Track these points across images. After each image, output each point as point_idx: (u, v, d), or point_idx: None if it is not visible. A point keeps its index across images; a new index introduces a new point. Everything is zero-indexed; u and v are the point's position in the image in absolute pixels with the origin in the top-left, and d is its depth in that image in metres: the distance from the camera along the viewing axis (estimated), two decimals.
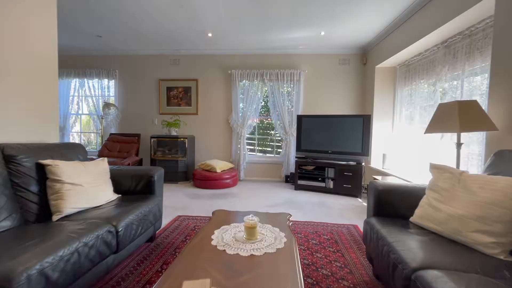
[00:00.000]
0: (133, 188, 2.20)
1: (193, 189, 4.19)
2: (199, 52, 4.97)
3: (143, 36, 4.33)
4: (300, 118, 4.35)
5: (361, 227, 2.70)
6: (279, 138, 5.14)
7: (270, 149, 5.93)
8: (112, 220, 1.62)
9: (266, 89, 4.90)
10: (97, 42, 4.60)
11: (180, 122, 4.93)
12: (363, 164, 3.93)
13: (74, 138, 5.48)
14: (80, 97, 5.32)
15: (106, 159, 2.22)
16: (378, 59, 4.15)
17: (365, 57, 4.66)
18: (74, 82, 5.19)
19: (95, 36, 4.30)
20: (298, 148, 4.37)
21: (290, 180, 4.67)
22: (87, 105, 5.26)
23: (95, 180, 1.96)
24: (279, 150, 5.19)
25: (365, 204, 3.58)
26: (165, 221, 2.79)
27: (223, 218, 1.87)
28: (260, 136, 5.30)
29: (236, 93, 4.83)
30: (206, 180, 4.22)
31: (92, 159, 2.42)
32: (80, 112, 5.37)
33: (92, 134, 5.61)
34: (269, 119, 5.53)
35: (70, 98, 5.20)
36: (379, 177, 3.31)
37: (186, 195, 3.82)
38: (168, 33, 4.15)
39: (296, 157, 4.44)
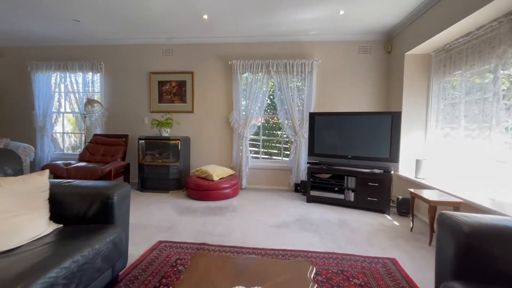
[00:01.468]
0: (83, 213, 1.54)
1: (186, 201, 3.52)
2: (194, 41, 4.30)
3: (129, 22, 3.69)
4: (312, 116, 3.65)
5: (402, 263, 1.99)
6: (287, 140, 4.44)
7: (276, 151, 5.27)
8: (15, 284, 0.95)
9: (273, 82, 4.20)
10: (77, 29, 3.98)
11: (173, 122, 4.27)
12: (392, 172, 3.20)
13: (56, 139, 4.88)
14: (61, 93, 4.71)
15: (47, 172, 1.56)
16: (408, 45, 3.42)
17: (389, 44, 3.92)
18: (55, 76, 4.59)
19: (72, 21, 3.67)
20: (311, 152, 3.67)
21: (301, 189, 3.97)
22: (69, 102, 4.64)
23: (16, 205, 1.30)
24: (286, 152, 4.49)
25: (397, 223, 2.85)
26: (142, 249, 2.12)
27: (206, 272, 1.19)
28: (265, 138, 4.61)
29: (237, 87, 4.15)
30: (201, 190, 3.55)
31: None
32: (62, 110, 4.76)
33: (78, 135, 5.00)
34: (275, 118, 4.84)
35: (52, 94, 4.58)
36: (415, 190, 2.58)
37: (176, 209, 3.16)
38: (158, 17, 3.50)
39: (308, 163, 3.73)
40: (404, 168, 3.54)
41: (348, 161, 3.44)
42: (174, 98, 4.44)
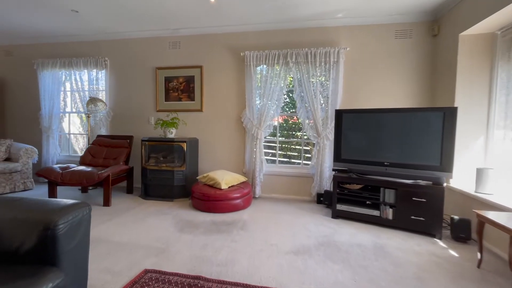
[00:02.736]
0: (14, 248, 1.08)
1: (189, 212, 3.06)
2: (203, 31, 3.85)
3: (132, 12, 3.31)
4: (339, 114, 3.03)
5: None
6: (308, 142, 3.85)
7: (296, 153, 4.69)
8: None
9: (291, 76, 3.63)
10: (78, 21, 3.68)
11: (179, 122, 3.85)
12: (444, 185, 2.50)
13: (62, 140, 4.66)
14: (67, 92, 4.48)
15: None
16: (463, 23, 2.70)
17: (436, 25, 3.20)
18: (60, 74, 4.35)
19: (71, 11, 3.36)
20: (337, 157, 3.05)
21: (325, 201, 3.35)
22: (74, 102, 4.39)
23: None
24: (307, 155, 3.90)
25: (455, 253, 2.17)
26: (121, 281, 1.66)
27: None
28: (282, 139, 4.05)
29: (250, 82, 3.63)
30: (207, 200, 3.06)
31: None
32: (68, 110, 4.53)
33: (84, 136, 4.75)
34: (294, 118, 4.26)
35: (57, 93, 4.35)
36: (484, 212, 1.89)
37: (176, 224, 2.69)
38: (161, 4, 3.08)
39: (333, 170, 3.12)
40: (459, 179, 2.81)
41: (384, 169, 2.79)
42: (182, 96, 4.01)
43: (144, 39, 4.09)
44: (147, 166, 3.60)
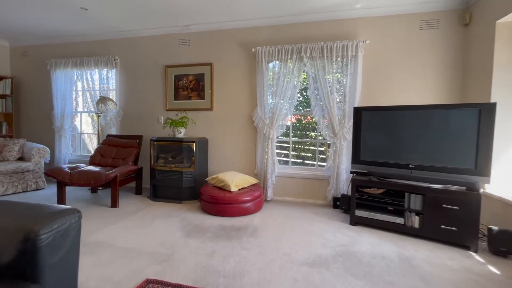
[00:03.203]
0: None
1: (197, 216, 2.92)
2: (213, 27, 3.71)
3: (141, 8, 3.22)
4: (358, 112, 2.79)
5: None
6: (323, 142, 3.63)
7: (310, 154, 4.48)
8: None
9: (306, 73, 3.42)
10: (88, 20, 3.64)
11: (189, 121, 3.73)
12: (481, 191, 2.22)
13: (75, 140, 4.67)
14: (78, 92, 4.48)
15: None
16: (500, 9, 2.41)
17: (467, 14, 2.89)
18: (72, 74, 4.35)
19: (80, 9, 3.32)
20: (356, 159, 2.81)
21: (342, 205, 3.12)
22: (85, 101, 4.38)
23: None
24: (322, 156, 3.68)
25: (495, 270, 1.89)
26: None
27: None
28: (296, 139, 3.84)
29: (262, 79, 3.46)
30: (216, 203, 2.91)
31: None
32: (79, 109, 4.53)
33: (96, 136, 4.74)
34: (308, 118, 4.06)
35: (69, 92, 4.36)
36: None
37: (183, 228, 2.56)
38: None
39: (351, 172, 2.88)
40: (498, 184, 2.51)
41: (409, 172, 2.53)
42: (192, 94, 3.90)
43: (153, 37, 4.01)
44: (155, 166, 3.50)
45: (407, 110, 2.56)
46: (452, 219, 2.24)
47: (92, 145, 4.89)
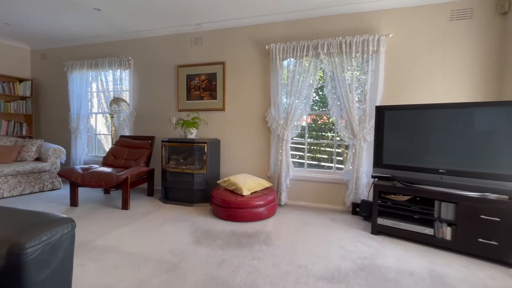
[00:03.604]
0: None
1: (208, 220, 2.80)
2: (226, 24, 3.60)
3: (153, 7, 3.16)
4: (381, 112, 2.57)
5: None
6: (340, 144, 3.42)
7: (326, 156, 4.27)
8: None
9: (322, 70, 3.23)
10: (102, 20, 3.64)
11: (200, 121, 3.64)
12: None
13: (90, 141, 4.73)
14: (93, 93, 4.51)
15: None
16: None
17: (506, 1, 2.60)
18: (87, 75, 4.39)
19: (93, 10, 3.31)
20: (377, 162, 2.59)
21: (362, 212, 2.89)
22: (99, 102, 4.40)
23: None
24: (339, 158, 3.47)
25: None
26: None
27: None
28: (311, 141, 3.65)
29: (276, 78, 3.30)
30: (227, 207, 2.78)
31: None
32: (94, 110, 4.57)
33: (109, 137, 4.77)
34: (324, 118, 3.86)
35: (84, 93, 4.40)
36: None
37: (192, 233, 2.45)
38: None
39: (373, 177, 2.66)
40: None
41: (439, 177, 2.28)
42: (204, 94, 3.81)
43: (166, 37, 3.96)
44: (167, 168, 3.43)
45: (436, 108, 2.31)
46: (491, 232, 1.98)
47: (108, 145, 4.93)
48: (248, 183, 2.96)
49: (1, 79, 4.39)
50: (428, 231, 2.24)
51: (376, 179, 2.61)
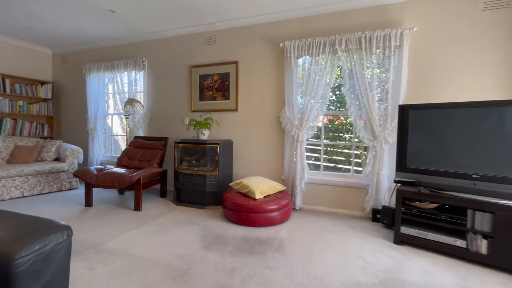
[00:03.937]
0: None
1: (220, 224, 2.72)
2: (239, 23, 3.52)
3: (166, 7, 3.15)
4: (405, 111, 2.37)
5: None
6: (359, 146, 3.23)
7: (343, 158, 4.09)
8: None
9: (339, 68, 3.06)
10: (117, 22, 3.68)
11: (213, 122, 3.58)
12: None
13: (107, 141, 4.81)
14: (109, 95, 4.59)
15: None
16: None
17: None
18: (104, 77, 4.47)
19: (108, 12, 3.34)
20: (401, 166, 2.39)
21: (383, 219, 2.70)
22: (115, 103, 4.47)
23: None
24: (357, 160, 3.27)
25: None
26: None
27: None
28: (327, 142, 3.48)
29: (290, 77, 3.17)
30: (239, 211, 2.69)
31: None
32: (110, 111, 4.64)
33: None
34: (341, 118, 3.69)
35: (101, 95, 4.49)
36: None
37: (203, 237, 2.37)
38: None
39: (396, 181, 2.46)
40: None
41: (472, 183, 2.06)
42: (216, 95, 3.74)
43: (179, 37, 3.94)
44: (179, 169, 3.39)
45: (468, 107, 2.09)
46: None
47: (124, 146, 5.00)
48: (261, 186, 2.85)
49: (25, 82, 4.57)
50: (460, 243, 2.02)
51: (399, 184, 2.42)
